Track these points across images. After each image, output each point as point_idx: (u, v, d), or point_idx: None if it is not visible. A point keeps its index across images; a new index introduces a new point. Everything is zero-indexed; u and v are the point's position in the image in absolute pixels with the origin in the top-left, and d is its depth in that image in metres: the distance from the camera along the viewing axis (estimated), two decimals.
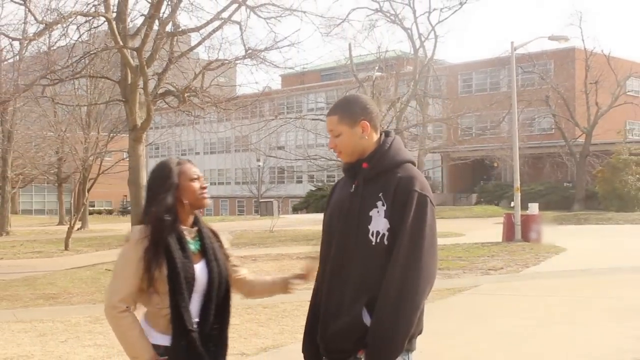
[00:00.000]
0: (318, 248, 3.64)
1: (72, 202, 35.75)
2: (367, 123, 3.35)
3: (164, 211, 3.31)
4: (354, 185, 3.34)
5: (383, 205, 3.18)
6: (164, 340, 3.28)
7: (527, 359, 7.65)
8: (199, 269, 3.36)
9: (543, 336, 7.98)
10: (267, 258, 19.53)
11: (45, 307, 12.01)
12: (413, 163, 3.36)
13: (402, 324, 3.09)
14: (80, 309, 11.54)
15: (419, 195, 3.16)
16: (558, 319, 9.47)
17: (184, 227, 3.40)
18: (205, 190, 3.48)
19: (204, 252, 3.42)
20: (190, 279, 3.28)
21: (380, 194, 3.19)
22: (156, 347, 3.27)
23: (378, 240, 3.17)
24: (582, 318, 10.10)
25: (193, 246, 3.39)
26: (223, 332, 3.45)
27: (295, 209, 63.63)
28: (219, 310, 3.41)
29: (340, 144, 3.38)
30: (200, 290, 3.35)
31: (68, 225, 27.48)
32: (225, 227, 35.83)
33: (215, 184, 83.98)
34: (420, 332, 3.25)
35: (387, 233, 3.16)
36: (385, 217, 3.17)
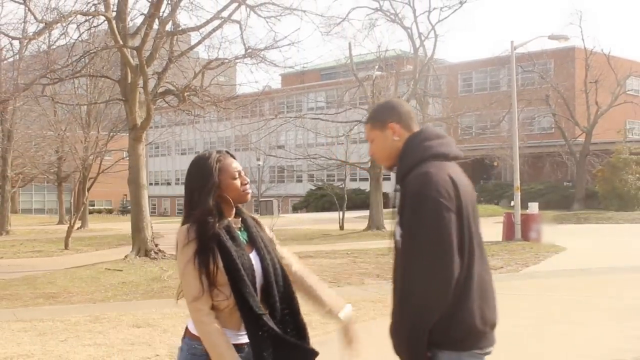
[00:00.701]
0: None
1: (72, 201, 35.76)
2: (396, 124, 3.35)
3: (208, 212, 3.27)
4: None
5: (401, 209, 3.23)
6: (229, 336, 3.23)
7: (527, 359, 7.65)
8: (252, 258, 3.33)
9: (543, 336, 7.97)
10: None
11: (45, 306, 12.01)
12: (438, 156, 3.24)
13: (402, 327, 3.12)
14: (80, 308, 11.55)
15: (414, 196, 3.10)
16: (558, 318, 9.47)
17: (229, 219, 3.37)
18: (247, 186, 3.44)
19: (252, 241, 3.40)
20: (249, 269, 3.26)
21: (400, 200, 3.25)
22: None
23: (399, 246, 3.24)
24: (581, 318, 10.10)
25: (241, 237, 3.38)
26: (295, 316, 3.46)
27: (295, 208, 63.68)
28: (283, 297, 3.38)
29: (375, 150, 3.44)
30: (259, 280, 3.32)
31: (68, 225, 27.49)
32: None
33: None
34: (477, 329, 3.15)
35: (400, 239, 3.21)
36: (398, 223, 3.22)
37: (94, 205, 70.06)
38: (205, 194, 3.30)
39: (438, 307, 3.06)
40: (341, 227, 31.09)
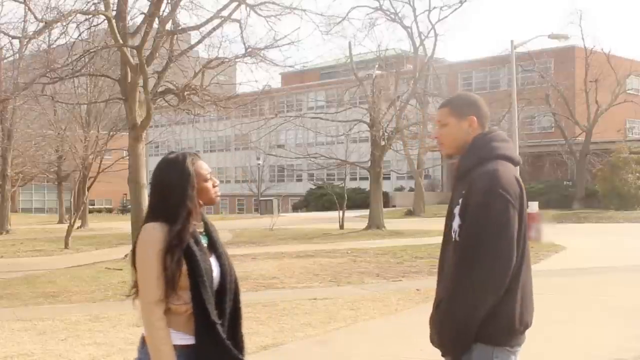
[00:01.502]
0: None
1: (72, 200, 35.71)
2: (475, 119, 3.46)
3: (187, 215, 3.27)
4: (453, 185, 3.52)
5: (460, 202, 3.30)
6: (183, 339, 3.23)
7: (526, 358, 7.64)
8: (212, 263, 3.34)
9: (543, 335, 7.96)
10: (267, 256, 19.52)
11: (45, 305, 12.01)
12: (505, 157, 3.37)
13: (454, 316, 3.22)
14: (80, 308, 11.55)
15: (485, 191, 3.21)
16: (557, 317, 9.47)
17: (195, 223, 3.37)
18: (217, 188, 3.46)
19: (212, 245, 3.41)
20: (210, 273, 3.27)
21: (463, 192, 3.31)
22: (176, 348, 3.21)
23: (455, 237, 3.32)
24: (581, 317, 10.11)
25: (204, 241, 3.38)
26: (237, 326, 3.43)
27: (295, 208, 63.69)
28: (233, 303, 3.40)
29: (444, 135, 3.52)
30: (215, 285, 3.32)
31: (68, 224, 27.48)
32: (226, 226, 35.89)
33: None
34: (514, 327, 3.27)
35: (458, 229, 3.30)
36: (459, 214, 3.30)
37: (94, 205, 70.05)
38: (184, 196, 3.28)
39: (492, 299, 3.18)
40: (341, 227, 31.08)
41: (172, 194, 3.29)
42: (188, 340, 3.22)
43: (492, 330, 3.22)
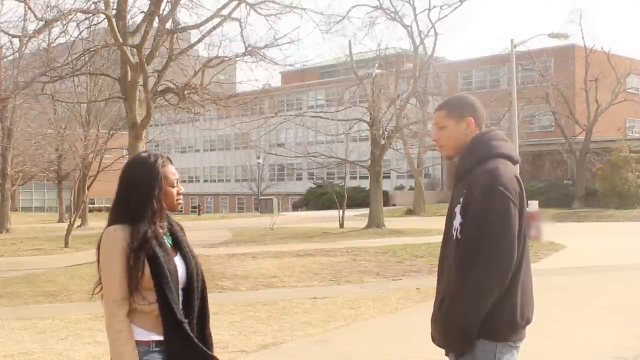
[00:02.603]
0: None
1: (72, 199, 35.68)
2: (473, 120, 3.50)
3: (151, 217, 3.28)
4: (454, 184, 3.56)
5: (461, 201, 3.34)
6: (157, 336, 3.26)
7: (526, 357, 7.64)
8: (177, 262, 3.34)
9: (542, 334, 7.97)
10: (267, 255, 19.53)
11: (45, 304, 12.01)
12: (504, 156, 3.41)
13: (454, 314, 3.26)
14: (80, 307, 11.54)
15: (485, 187, 3.25)
16: (557, 316, 9.47)
17: (159, 224, 3.38)
18: (180, 197, 3.45)
19: (177, 245, 3.41)
20: (174, 274, 3.26)
21: (464, 191, 3.34)
22: (146, 343, 3.25)
23: (457, 235, 3.34)
24: (582, 316, 10.11)
25: (167, 241, 3.37)
26: (205, 323, 3.46)
27: (295, 207, 63.70)
28: (200, 302, 3.42)
29: (443, 137, 3.56)
30: (182, 284, 3.33)
31: (68, 223, 27.47)
32: (226, 225, 35.91)
33: (215, 181, 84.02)
34: (516, 323, 3.30)
35: (459, 227, 3.33)
36: (460, 212, 3.33)
37: (94, 204, 70.06)
38: (151, 195, 3.29)
39: (495, 296, 3.21)
40: (341, 225, 31.08)
41: (138, 192, 3.29)
42: (160, 337, 3.27)
43: (495, 326, 3.25)
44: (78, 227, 34.04)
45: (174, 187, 3.39)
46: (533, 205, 23.85)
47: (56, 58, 22.46)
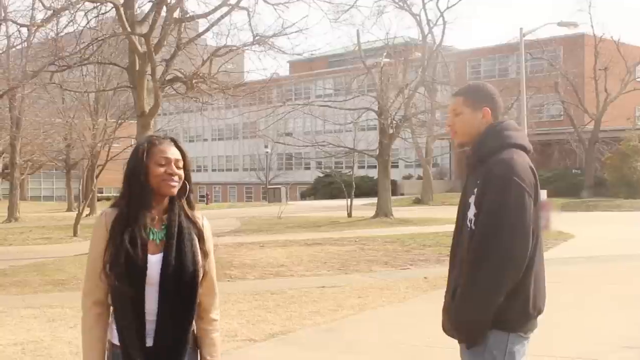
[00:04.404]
0: None
1: (80, 188, 35.81)
2: (489, 111, 3.50)
3: (129, 196, 3.13)
4: (466, 174, 3.56)
5: (476, 192, 3.33)
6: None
7: (532, 346, 7.63)
8: (155, 260, 3.08)
9: (549, 323, 7.94)
10: (275, 244, 19.56)
11: (54, 293, 12.06)
12: (518, 146, 3.41)
13: (467, 306, 3.26)
14: None
15: (500, 178, 3.24)
16: (565, 306, 9.45)
17: (150, 213, 3.15)
18: (171, 177, 3.14)
19: (168, 241, 3.13)
20: (140, 271, 3.04)
21: (478, 181, 3.33)
22: (120, 347, 3.08)
23: (471, 226, 3.33)
24: (589, 305, 10.10)
25: (155, 235, 3.13)
26: (184, 331, 3.15)
27: (303, 196, 63.71)
28: (182, 306, 3.12)
29: (458, 123, 3.55)
30: (154, 283, 3.07)
31: (76, 212, 27.56)
32: (234, 214, 35.96)
33: (223, 170, 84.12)
34: (529, 314, 3.31)
35: (473, 218, 3.32)
36: (474, 203, 3.32)
37: (102, 193, 70.20)
38: (131, 180, 3.15)
39: (509, 287, 3.20)
40: (349, 215, 31.08)
41: (126, 174, 3.18)
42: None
43: (507, 317, 3.25)
44: (87, 216, 34.13)
45: (160, 165, 3.14)
46: (542, 195, 23.82)
47: (64, 47, 22.45)
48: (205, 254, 3.23)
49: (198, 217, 3.29)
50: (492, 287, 3.17)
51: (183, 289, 3.11)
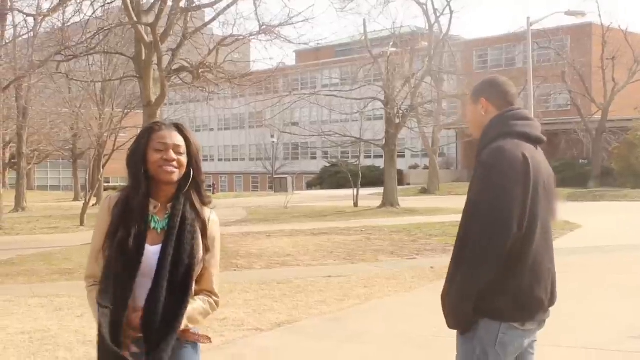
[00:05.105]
0: None
1: (87, 178, 35.86)
2: (485, 100, 3.52)
3: (131, 187, 3.10)
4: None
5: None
6: None
7: (539, 337, 7.63)
8: (153, 250, 3.02)
9: (555, 313, 7.95)
10: (282, 234, 19.58)
11: (61, 282, 12.10)
12: (518, 135, 3.39)
13: (449, 294, 3.30)
14: None
15: (483, 166, 3.29)
16: (571, 295, 9.44)
17: (154, 202, 3.10)
18: (168, 163, 3.06)
19: (169, 231, 3.06)
20: (132, 260, 2.98)
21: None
22: None
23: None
24: (595, 295, 10.09)
25: (157, 224, 3.08)
26: (172, 323, 3.01)
27: (310, 185, 63.70)
28: (172, 298, 3.01)
29: (467, 120, 3.72)
30: (148, 274, 3.01)
31: (83, 201, 27.62)
32: (240, 203, 35.98)
33: (229, 160, 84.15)
34: (522, 304, 3.28)
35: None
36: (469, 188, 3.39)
37: (109, 182, 70.25)
38: (130, 166, 3.12)
39: (487, 270, 3.17)
40: (355, 204, 31.09)
41: (127, 164, 3.15)
42: None
43: (498, 306, 3.22)
44: (93, 205, 34.14)
45: (158, 151, 3.07)
46: None
47: (71, 37, 22.43)
48: (207, 249, 3.15)
49: (206, 210, 3.21)
50: (469, 270, 3.19)
51: (175, 281, 3.02)
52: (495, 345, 3.24)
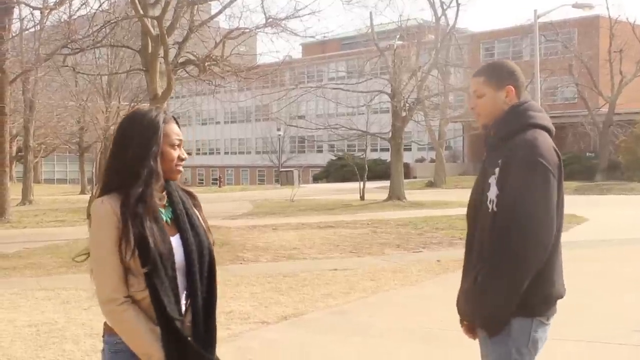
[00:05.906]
0: None
1: (93, 171, 35.93)
2: (513, 89, 3.41)
3: (147, 183, 2.82)
4: (485, 153, 3.43)
5: (497, 172, 3.23)
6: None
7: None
8: (175, 242, 2.86)
9: (561, 306, 7.95)
10: (288, 227, 19.58)
11: (68, 275, 12.12)
12: (541, 127, 3.35)
13: (491, 296, 3.16)
14: None
15: (525, 159, 3.16)
16: (577, 288, 9.42)
17: (158, 194, 2.90)
18: (182, 162, 2.94)
19: (176, 221, 2.91)
20: (168, 258, 2.79)
21: (499, 161, 3.23)
22: None
23: (492, 207, 3.23)
24: (603, 289, 10.07)
25: (165, 216, 2.91)
26: (211, 314, 2.95)
27: (316, 179, 63.71)
28: (206, 286, 2.94)
29: (481, 105, 3.44)
30: (181, 268, 2.86)
31: (90, 194, 27.66)
32: (246, 196, 35.99)
33: (235, 153, 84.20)
34: (552, 298, 3.26)
35: (495, 200, 3.21)
36: (496, 184, 3.22)
37: None
38: (147, 155, 2.81)
39: (534, 270, 3.12)
40: (362, 197, 31.07)
41: (133, 147, 2.82)
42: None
43: (532, 302, 3.17)
44: None
45: (174, 148, 2.90)
46: None
47: (77, 30, 22.46)
48: (207, 226, 3.05)
49: (186, 187, 3.09)
50: (518, 271, 3.08)
51: (206, 266, 2.93)
52: (528, 344, 3.20)
